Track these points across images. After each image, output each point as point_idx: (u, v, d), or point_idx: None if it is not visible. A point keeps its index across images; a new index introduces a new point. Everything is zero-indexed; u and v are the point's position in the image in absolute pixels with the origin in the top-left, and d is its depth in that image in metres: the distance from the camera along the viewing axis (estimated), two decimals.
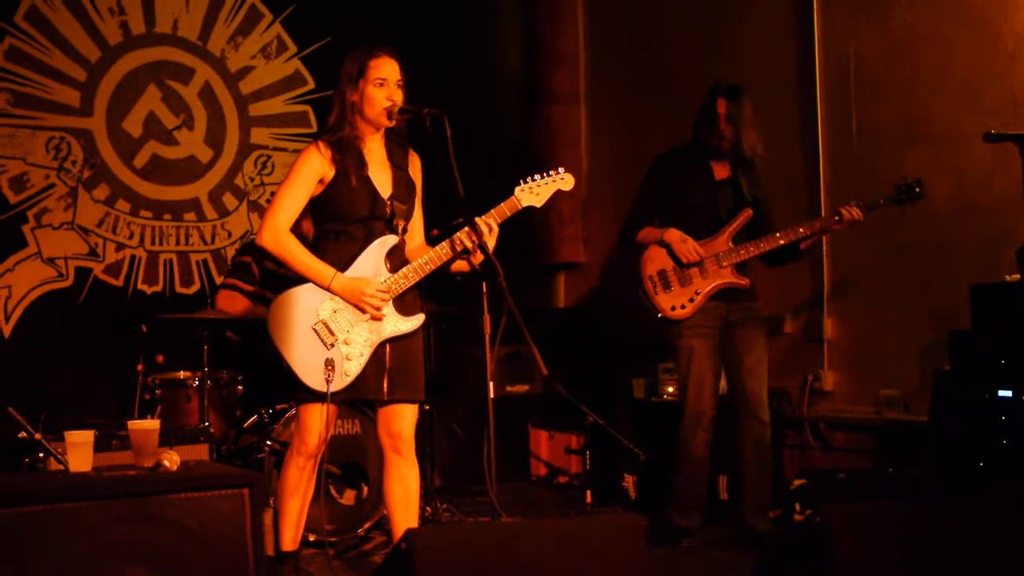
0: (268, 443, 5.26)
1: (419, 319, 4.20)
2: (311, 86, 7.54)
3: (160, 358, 5.93)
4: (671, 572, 4.65)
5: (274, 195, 4.17)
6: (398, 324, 4.15)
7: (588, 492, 6.28)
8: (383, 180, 4.20)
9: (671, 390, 6.45)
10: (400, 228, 4.19)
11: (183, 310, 6.04)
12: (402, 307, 4.17)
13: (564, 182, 4.27)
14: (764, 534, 5.19)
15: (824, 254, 6.28)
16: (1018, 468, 4.47)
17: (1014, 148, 4.41)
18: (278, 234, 4.08)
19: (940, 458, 4.96)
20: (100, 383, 6.30)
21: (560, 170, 4.27)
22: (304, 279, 4.08)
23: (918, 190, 5.14)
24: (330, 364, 4.03)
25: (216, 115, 7.27)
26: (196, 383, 5.60)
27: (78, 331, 6.59)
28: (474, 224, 4.02)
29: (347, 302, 4.07)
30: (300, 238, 4.20)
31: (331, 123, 4.21)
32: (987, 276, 5.01)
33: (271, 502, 4.96)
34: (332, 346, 4.06)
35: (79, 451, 3.45)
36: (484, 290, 4.12)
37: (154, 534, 3.17)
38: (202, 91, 7.22)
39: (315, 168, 4.12)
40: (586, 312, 7.93)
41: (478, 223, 4.04)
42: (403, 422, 4.21)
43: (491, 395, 4.01)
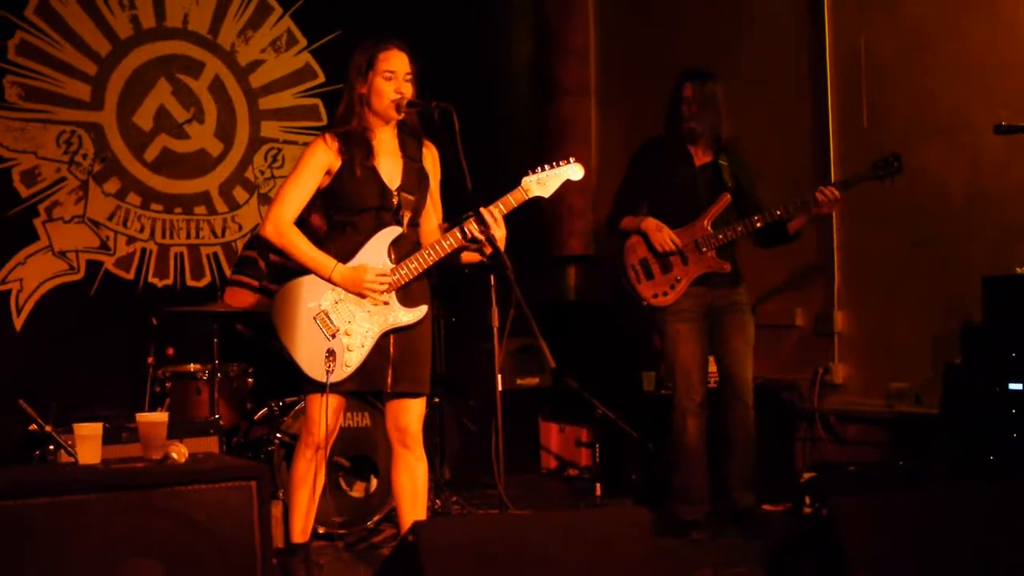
0: (278, 436, 5.26)
1: (422, 310, 4.19)
2: (321, 79, 7.53)
3: (171, 351, 5.94)
4: (677, 564, 4.63)
5: (280, 187, 4.18)
6: (400, 315, 4.14)
7: (598, 485, 6.27)
8: (392, 171, 4.20)
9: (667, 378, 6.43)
10: (406, 219, 4.18)
11: (193, 303, 6.03)
12: (406, 298, 4.16)
13: (573, 172, 4.22)
14: (749, 511, 5.30)
15: (835, 246, 6.27)
16: None
17: None
18: (281, 226, 4.09)
19: (951, 451, 4.95)
20: (111, 376, 6.29)
21: (570, 160, 4.23)
22: (307, 270, 4.09)
23: (896, 164, 5.10)
24: (331, 354, 4.03)
25: (226, 109, 7.26)
26: (206, 376, 5.60)
27: (89, 324, 6.58)
28: (480, 215, 4.01)
29: (349, 292, 4.07)
30: (310, 231, 4.20)
31: (339, 115, 4.23)
32: (999, 268, 4.99)
33: (280, 494, 4.97)
34: (334, 336, 4.06)
35: (88, 444, 3.46)
36: (492, 283, 4.11)
37: (162, 526, 3.17)
38: (212, 85, 7.21)
39: (321, 160, 4.13)
40: (596, 305, 7.91)
41: (484, 213, 4.03)
42: (410, 416, 4.22)
43: (499, 388, 4.02)
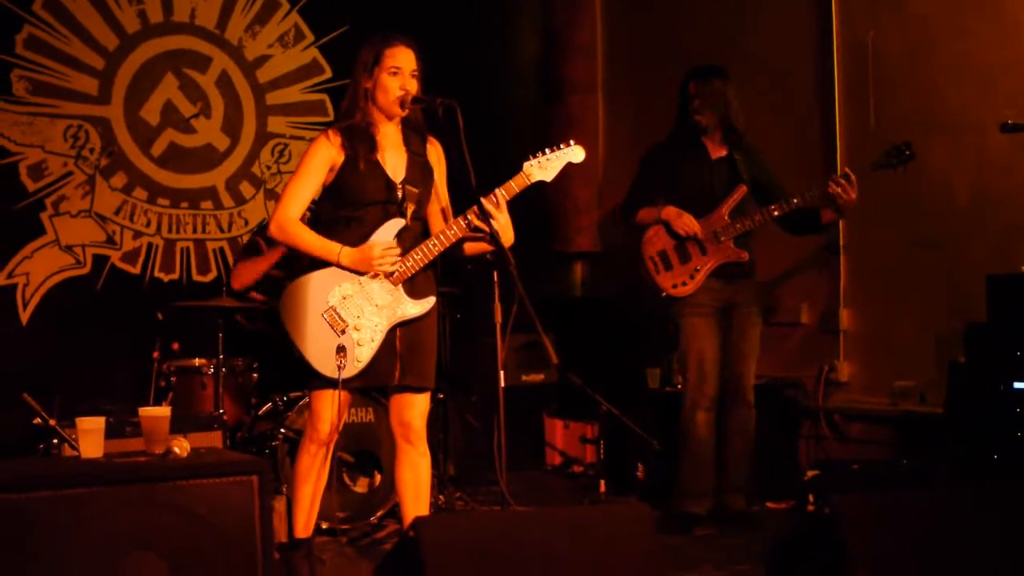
0: (282, 431, 5.28)
1: (429, 302, 4.19)
2: (328, 75, 7.53)
3: (176, 345, 5.96)
4: (680, 561, 4.63)
5: (284, 186, 4.19)
6: (408, 307, 4.14)
7: (602, 481, 6.29)
8: (396, 164, 4.20)
9: (680, 371, 6.43)
10: (410, 212, 4.18)
11: (199, 298, 6.04)
12: (412, 290, 4.16)
13: (574, 154, 4.21)
14: (741, 513, 5.34)
15: (840, 244, 6.26)
16: None
17: None
18: (284, 224, 4.10)
19: (955, 450, 4.95)
20: (116, 370, 6.31)
21: (570, 142, 4.23)
22: (314, 266, 4.10)
23: (908, 152, 5.14)
24: (342, 351, 4.03)
25: (233, 103, 7.27)
26: (211, 371, 5.62)
27: (95, 318, 6.61)
28: (482, 206, 4.01)
29: (359, 273, 4.06)
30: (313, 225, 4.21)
31: (343, 109, 4.23)
32: (1005, 267, 4.98)
33: (284, 489, 4.99)
34: (343, 332, 4.06)
35: (90, 437, 3.47)
36: (495, 279, 4.11)
37: (163, 520, 3.18)
38: (219, 80, 7.22)
39: (324, 157, 4.13)
40: (602, 301, 7.92)
41: (485, 202, 4.03)
42: (414, 411, 4.22)
43: (502, 384, 4.02)
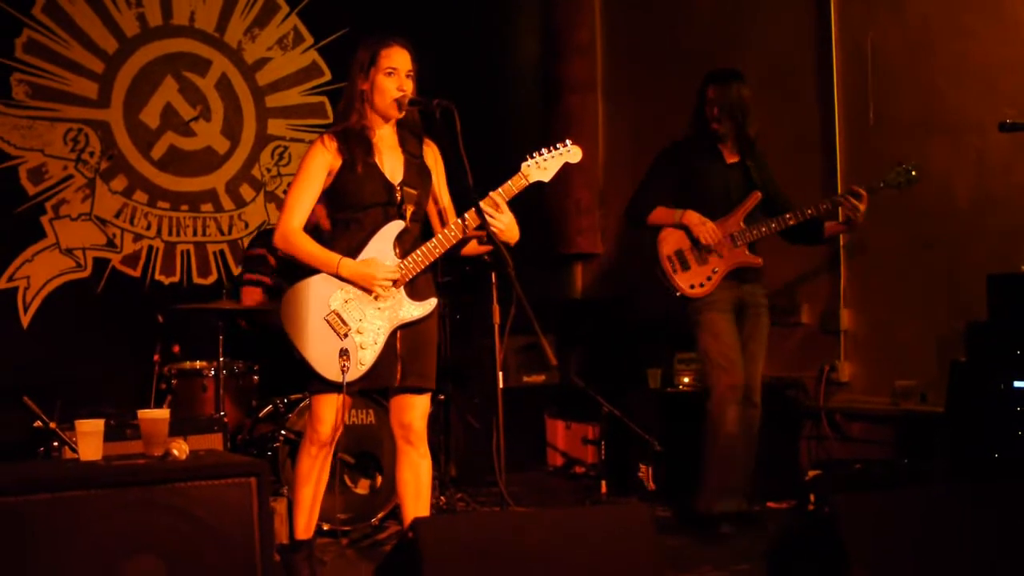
0: (283, 432, 5.27)
1: (431, 304, 4.20)
2: (328, 77, 7.54)
3: (176, 348, 5.96)
4: (679, 562, 4.63)
5: (286, 196, 4.18)
6: (410, 309, 4.14)
7: (603, 482, 6.28)
8: (394, 166, 4.20)
9: (687, 380, 6.44)
10: (409, 214, 4.18)
11: (200, 301, 6.04)
12: (413, 292, 4.16)
13: (571, 154, 4.23)
14: (742, 513, 5.32)
15: (841, 244, 6.25)
16: None
17: None
18: (288, 235, 4.11)
19: (956, 449, 4.94)
20: (117, 373, 6.31)
21: (567, 143, 4.24)
22: (314, 270, 4.09)
23: (914, 174, 5.24)
24: (345, 354, 4.03)
25: (233, 106, 7.28)
26: (212, 373, 5.63)
27: (96, 322, 6.62)
28: (479, 208, 4.02)
29: (357, 286, 4.07)
30: (314, 230, 4.20)
31: (339, 110, 4.24)
32: (1005, 267, 4.97)
33: (285, 491, 4.99)
34: (346, 336, 4.06)
35: (89, 440, 3.46)
36: (494, 280, 4.11)
37: (162, 522, 3.18)
38: (219, 82, 7.23)
39: (321, 163, 4.13)
40: (603, 302, 7.92)
41: (483, 205, 4.03)
42: (414, 412, 4.22)
43: (500, 385, 4.02)
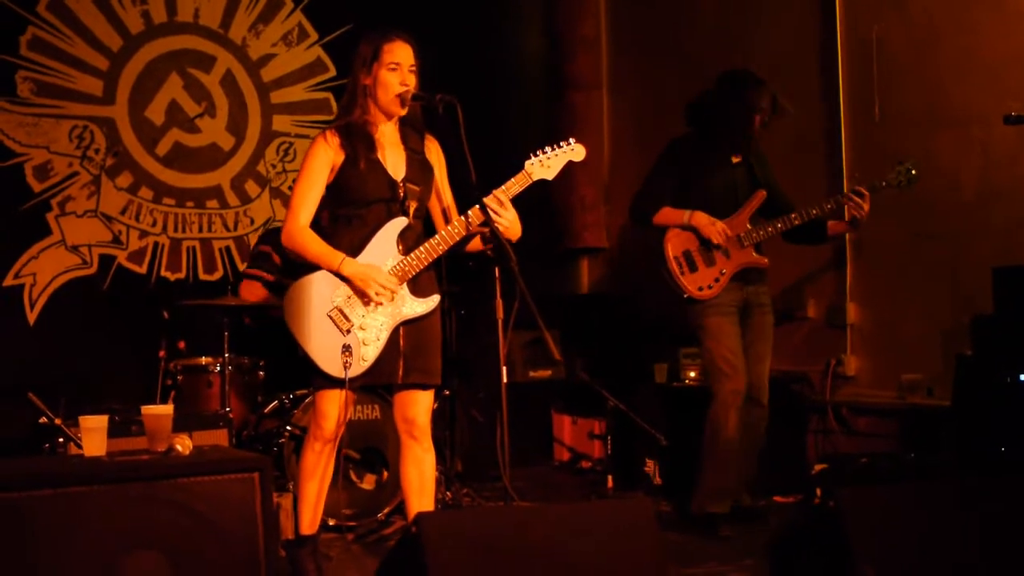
0: (288, 428, 5.28)
1: (434, 300, 4.20)
2: (333, 73, 7.54)
3: (182, 344, 5.96)
4: (684, 557, 4.63)
5: (291, 195, 4.18)
6: (413, 306, 4.15)
7: (609, 477, 6.28)
8: (396, 162, 4.20)
9: (693, 375, 6.43)
10: (412, 210, 4.18)
11: (205, 297, 6.05)
12: (416, 288, 4.17)
13: (575, 153, 4.22)
14: (747, 508, 5.35)
15: (847, 239, 6.24)
16: None
17: None
18: (295, 233, 4.11)
19: (962, 443, 4.93)
20: (123, 369, 6.32)
21: (571, 141, 4.23)
22: (317, 266, 4.10)
23: (915, 172, 5.23)
24: (347, 350, 4.03)
25: (238, 103, 7.28)
26: (217, 369, 5.63)
27: (102, 318, 6.63)
28: (483, 205, 4.02)
29: (355, 288, 4.07)
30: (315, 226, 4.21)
31: (342, 105, 4.24)
32: (1010, 260, 4.97)
33: (291, 486, 4.99)
34: (348, 332, 4.06)
35: (93, 436, 3.47)
36: (497, 275, 4.11)
37: (165, 518, 3.18)
38: (224, 79, 7.24)
39: (323, 159, 4.13)
40: (609, 297, 7.92)
41: (487, 202, 4.03)
42: (418, 408, 4.22)
43: (504, 380, 4.00)
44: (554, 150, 4.19)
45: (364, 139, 4.15)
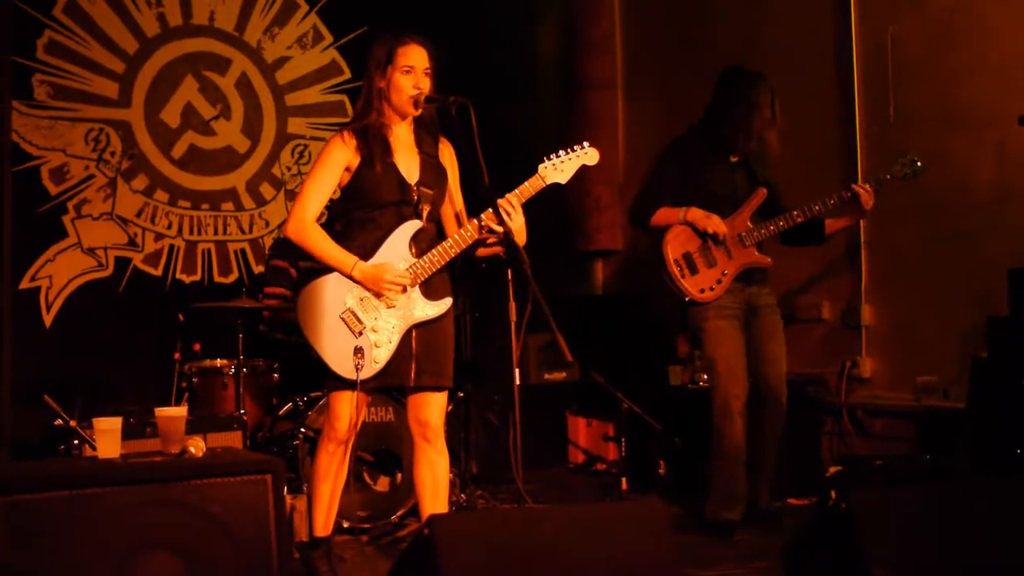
0: (302, 430, 5.29)
1: (446, 303, 4.21)
2: (347, 76, 7.55)
3: (197, 346, 5.99)
4: (697, 559, 4.62)
5: (300, 187, 4.20)
6: (425, 309, 4.16)
7: (623, 479, 6.27)
8: (410, 166, 4.21)
9: (707, 377, 6.40)
10: (425, 213, 4.19)
11: (221, 299, 6.06)
12: (429, 291, 4.18)
13: (589, 156, 4.22)
14: (763, 510, 5.31)
15: (862, 241, 6.23)
16: None
17: None
18: (302, 226, 4.12)
19: (978, 445, 4.91)
20: (139, 371, 6.36)
21: (584, 144, 4.22)
22: (330, 268, 4.10)
23: (919, 164, 5.17)
24: (360, 352, 4.04)
25: (253, 105, 7.30)
26: (232, 371, 5.65)
27: (118, 320, 6.65)
28: (496, 208, 4.02)
29: (367, 289, 4.08)
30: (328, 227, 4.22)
31: (358, 109, 4.24)
32: None
33: (306, 488, 5.00)
34: (360, 334, 4.07)
35: (107, 437, 3.48)
36: (510, 277, 4.11)
37: (177, 519, 3.19)
38: (239, 81, 7.25)
39: (339, 158, 4.14)
40: (623, 299, 7.91)
41: (500, 204, 4.04)
42: (431, 410, 4.23)
43: (517, 382, 4.00)
44: (568, 154, 4.19)
45: (380, 142, 4.16)
